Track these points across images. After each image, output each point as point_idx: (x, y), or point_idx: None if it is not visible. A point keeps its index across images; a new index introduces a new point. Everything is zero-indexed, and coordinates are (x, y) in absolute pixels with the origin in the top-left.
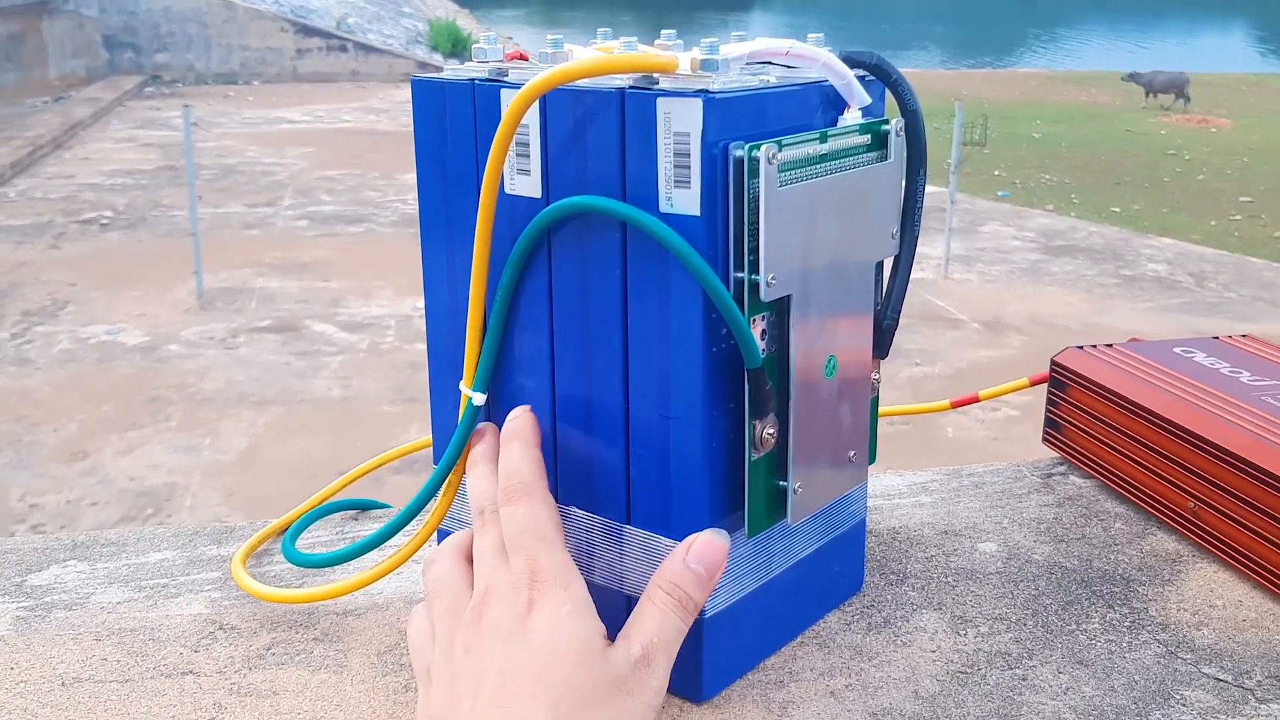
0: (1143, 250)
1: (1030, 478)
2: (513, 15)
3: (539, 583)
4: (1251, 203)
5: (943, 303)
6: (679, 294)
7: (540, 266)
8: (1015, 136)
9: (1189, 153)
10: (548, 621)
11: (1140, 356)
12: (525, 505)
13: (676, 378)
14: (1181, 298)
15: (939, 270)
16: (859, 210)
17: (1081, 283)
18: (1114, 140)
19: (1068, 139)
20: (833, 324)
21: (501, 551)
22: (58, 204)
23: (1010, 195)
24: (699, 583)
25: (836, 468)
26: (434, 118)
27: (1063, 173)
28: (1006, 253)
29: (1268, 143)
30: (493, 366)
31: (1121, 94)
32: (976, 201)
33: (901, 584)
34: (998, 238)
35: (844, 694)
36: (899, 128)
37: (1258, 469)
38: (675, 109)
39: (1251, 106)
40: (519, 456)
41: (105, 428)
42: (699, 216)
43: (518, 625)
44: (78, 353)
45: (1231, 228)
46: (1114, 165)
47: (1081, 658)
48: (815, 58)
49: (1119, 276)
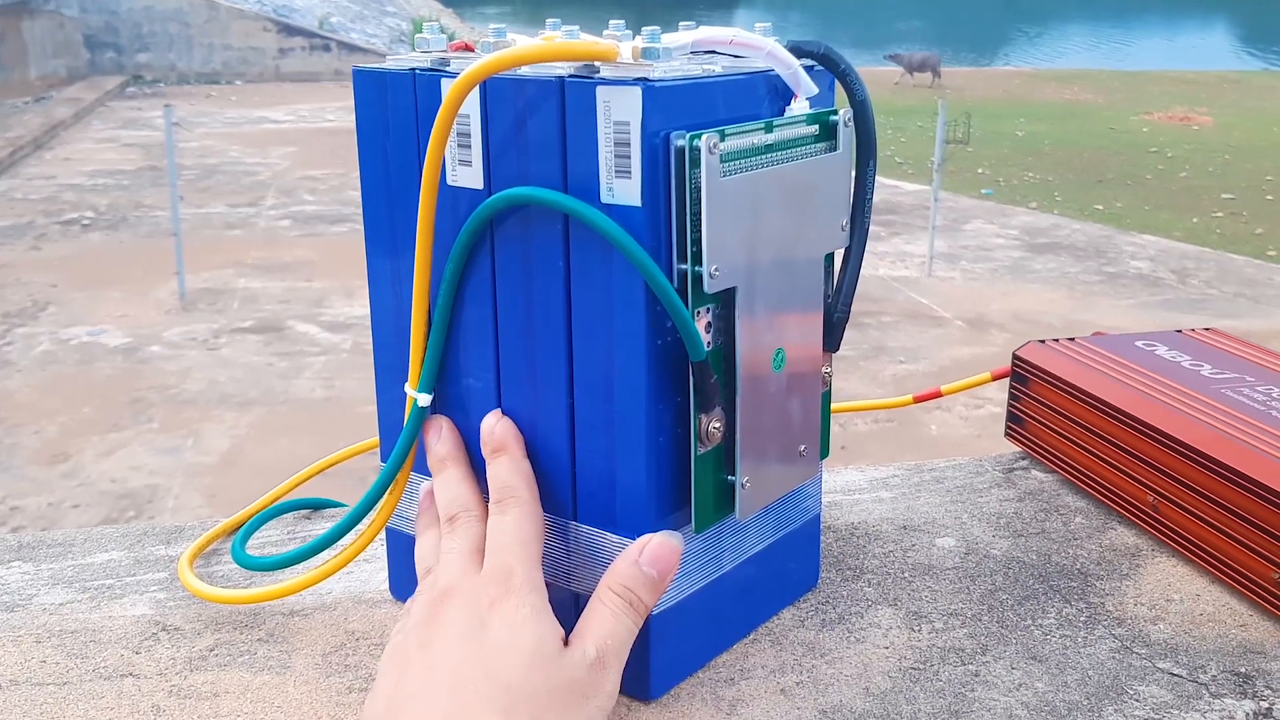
0: (1125, 247)
1: (992, 472)
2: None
3: (508, 583)
4: (1233, 200)
5: (926, 300)
6: (621, 286)
7: (483, 261)
8: (998, 135)
9: (1171, 150)
10: (505, 622)
11: (1102, 350)
12: (514, 514)
13: (620, 372)
14: (1164, 294)
15: (922, 268)
16: (807, 201)
17: (1064, 280)
18: (1097, 138)
19: (1051, 137)
20: (780, 317)
21: (474, 554)
22: (38, 205)
23: (994, 193)
24: (650, 585)
25: (786, 462)
26: (375, 109)
27: (1046, 170)
28: (990, 250)
29: (1249, 140)
30: (438, 366)
31: (1104, 92)
32: (960, 199)
33: (858, 580)
34: (981, 235)
35: (794, 691)
36: (848, 118)
37: (1217, 463)
38: (615, 98)
39: (1233, 104)
40: (509, 471)
41: (86, 429)
42: (640, 207)
43: (474, 626)
44: (59, 354)
45: (1213, 225)
46: (1097, 163)
47: (1036, 653)
48: (760, 47)
49: (1102, 274)
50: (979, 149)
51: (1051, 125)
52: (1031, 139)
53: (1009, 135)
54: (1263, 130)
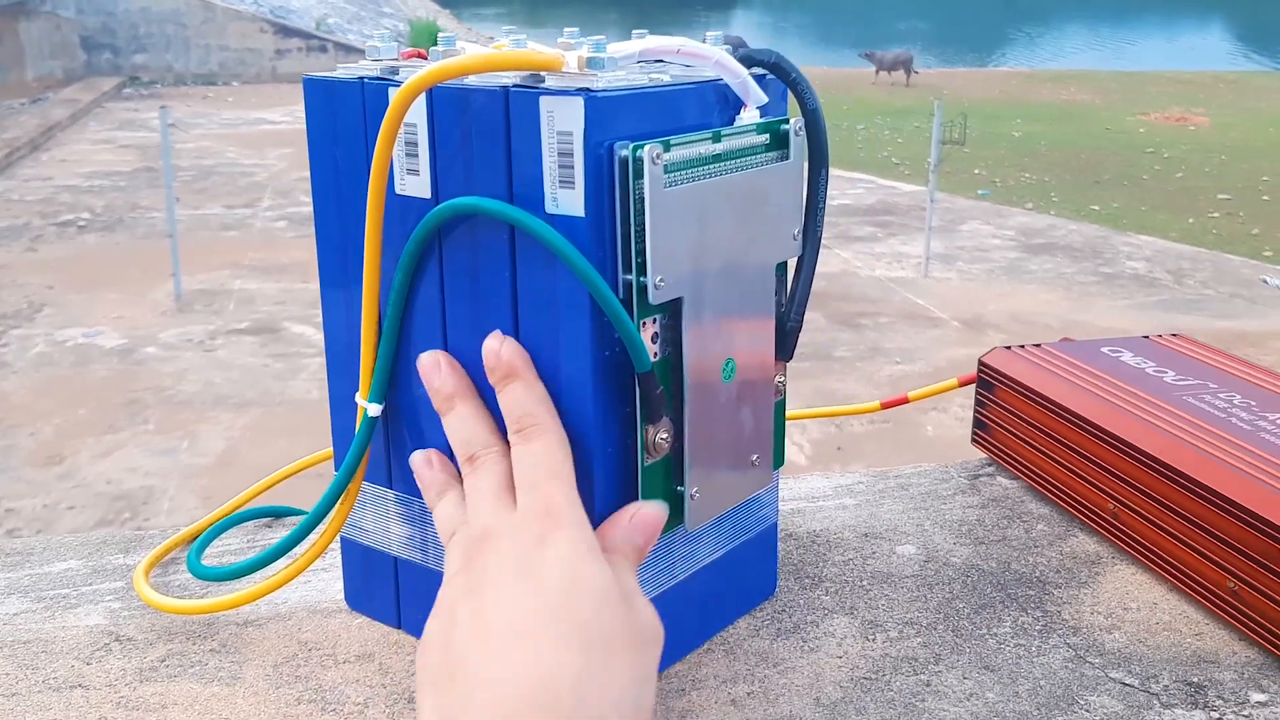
0: (1121, 248)
1: (957, 479)
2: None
3: (553, 518)
4: (1229, 200)
5: (923, 301)
6: (566, 297)
7: (432, 270)
8: (995, 135)
9: (1168, 151)
10: (561, 560)
11: (1066, 357)
12: (541, 441)
13: (566, 382)
14: (1160, 295)
15: (919, 269)
16: (757, 210)
17: (1060, 281)
18: (1093, 138)
19: (1047, 137)
20: (729, 326)
21: (503, 493)
22: (34, 206)
23: (990, 194)
24: (636, 552)
25: (738, 472)
26: (325, 118)
27: (1042, 171)
28: (986, 251)
29: (1245, 141)
30: (388, 375)
31: (1101, 93)
32: (956, 200)
33: (816, 588)
34: (977, 236)
35: (745, 702)
36: (799, 127)
37: (1174, 471)
38: (558, 108)
39: (1229, 105)
40: (526, 396)
41: (82, 431)
42: (584, 218)
43: (525, 565)
44: (54, 356)
45: (1210, 225)
46: (1093, 163)
47: (989, 662)
48: (707, 56)
49: (1098, 274)
50: (976, 150)
51: (1048, 126)
52: (1028, 139)
53: (1006, 136)
54: (1259, 131)
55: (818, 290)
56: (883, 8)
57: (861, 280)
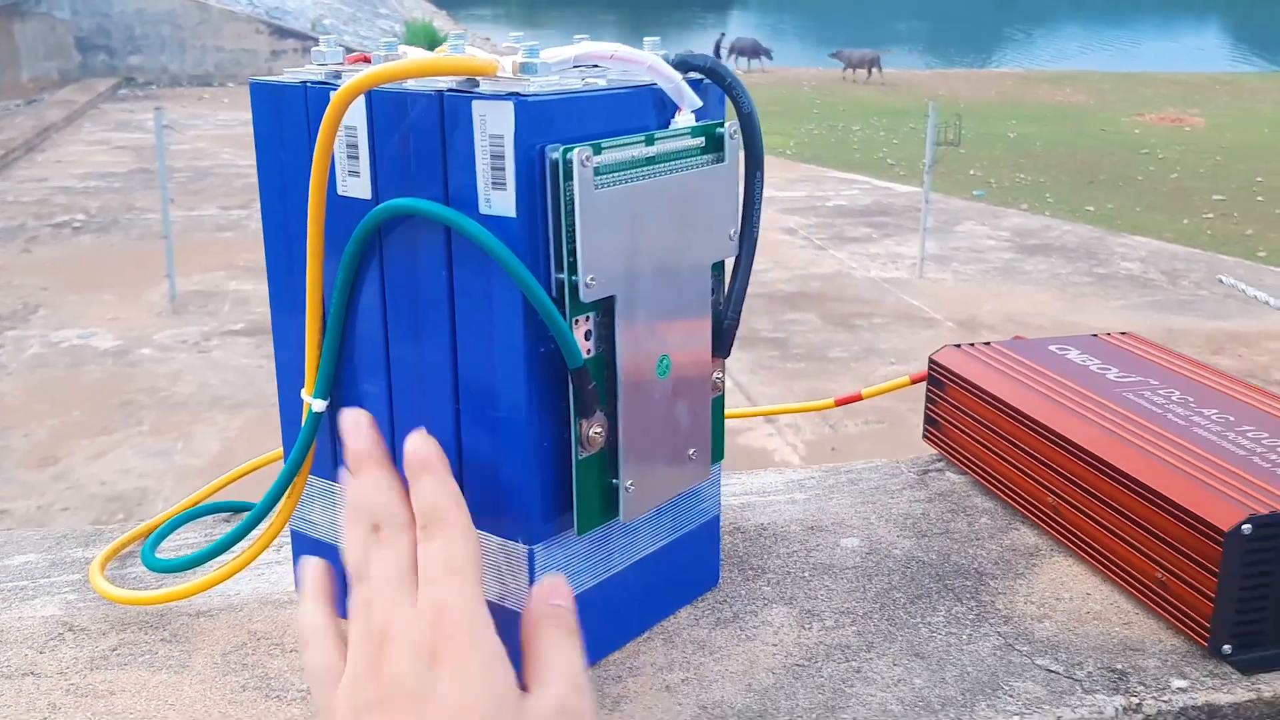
0: (1116, 249)
1: (907, 474)
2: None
3: (444, 628)
4: (1224, 201)
5: (917, 302)
6: (501, 295)
7: (374, 270)
8: (991, 136)
9: (1163, 152)
10: (457, 682)
11: (1015, 355)
12: (443, 538)
13: (502, 379)
14: (1154, 295)
15: (914, 270)
16: (692, 212)
17: (1055, 281)
18: (1089, 139)
19: (1043, 138)
20: (664, 324)
21: (404, 580)
22: (30, 207)
23: (985, 195)
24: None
25: (674, 466)
26: (271, 121)
27: (1037, 172)
28: (981, 252)
29: (1240, 142)
30: (333, 372)
31: (1096, 93)
32: (951, 201)
33: (758, 579)
34: (972, 237)
35: (678, 688)
36: (734, 130)
37: (1107, 465)
38: (489, 111)
39: (1225, 106)
40: (435, 490)
41: (76, 432)
42: (515, 218)
43: (423, 686)
44: (49, 357)
45: (1204, 226)
46: (1088, 164)
47: (920, 650)
48: (639, 61)
49: (1092, 275)
50: (971, 150)
51: (1043, 127)
52: (1023, 140)
53: (1001, 137)
54: (1254, 131)
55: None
56: (880, 8)
57: (856, 281)
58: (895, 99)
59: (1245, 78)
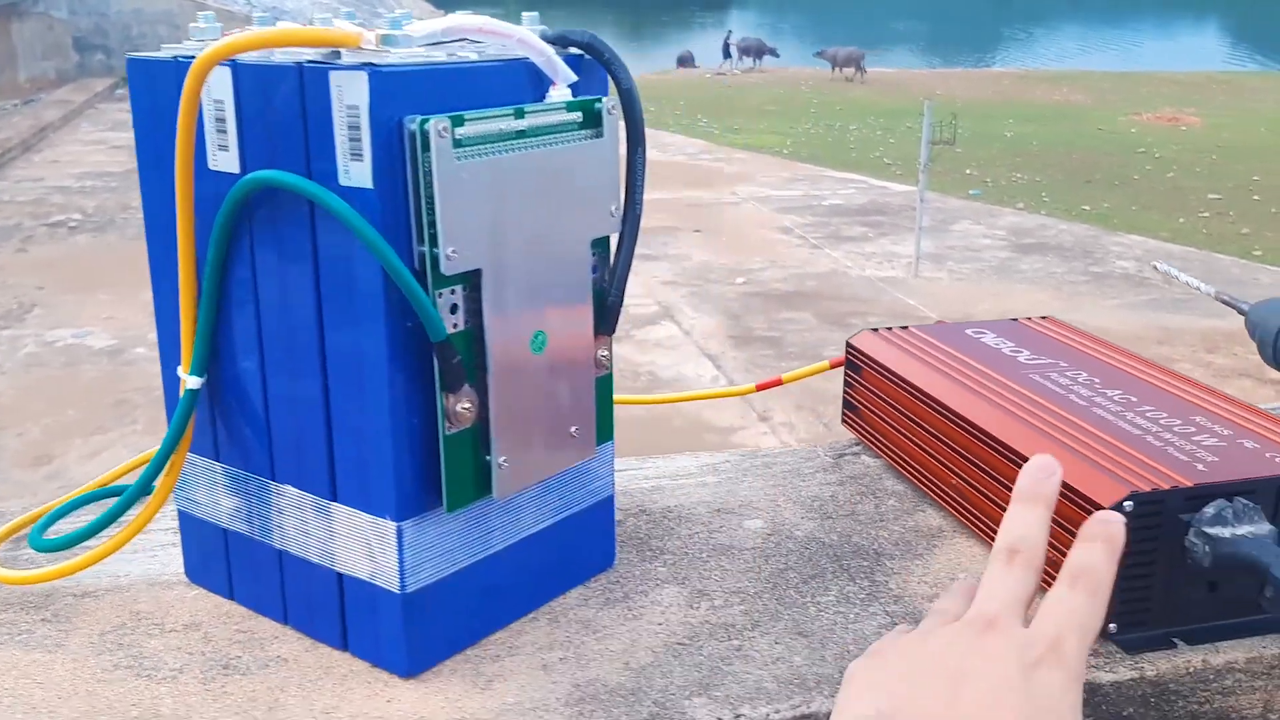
0: (1112, 248)
1: (823, 458)
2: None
3: (1055, 652)
4: (1220, 200)
5: (913, 300)
6: (362, 268)
7: (244, 245)
8: (987, 135)
9: (1159, 151)
10: (1050, 688)
11: (929, 339)
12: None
13: (366, 353)
14: (1149, 294)
15: (909, 269)
16: (568, 186)
17: (1051, 280)
18: (1085, 139)
19: (1039, 138)
20: (538, 299)
21: (1021, 604)
22: (26, 207)
23: (981, 194)
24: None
25: (553, 444)
26: (147, 97)
27: (1034, 171)
28: (977, 251)
29: (1237, 141)
30: (208, 349)
31: (1093, 93)
32: (948, 200)
33: (655, 560)
34: (968, 236)
35: (556, 667)
36: (612, 106)
37: (1002, 445)
38: (346, 82)
39: (1222, 105)
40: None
41: (70, 432)
42: (373, 189)
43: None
44: (43, 356)
45: (1200, 225)
46: (1085, 163)
47: (804, 629)
48: (509, 34)
49: (1088, 274)
50: (968, 150)
51: (1040, 126)
52: (1020, 140)
53: (998, 136)
54: (1250, 131)
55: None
56: (879, 8)
57: (852, 280)
58: (892, 98)
59: (1243, 77)
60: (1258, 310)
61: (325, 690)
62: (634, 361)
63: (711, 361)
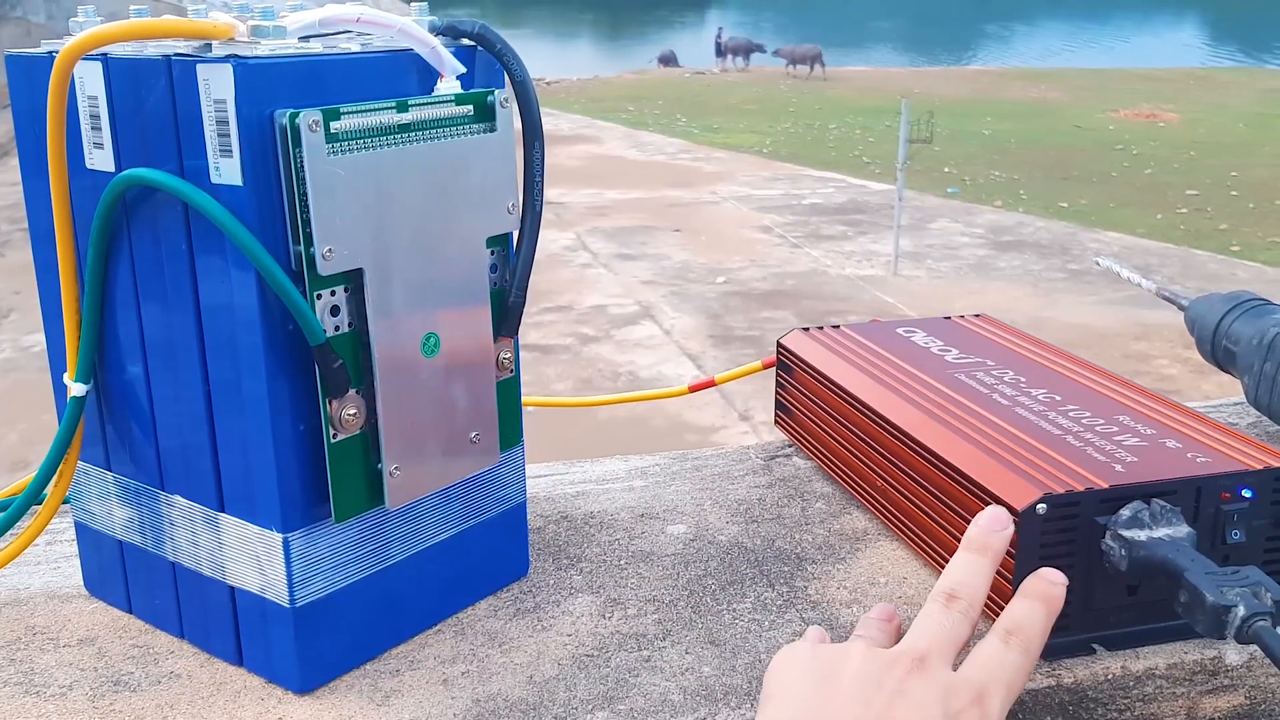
0: (1089, 244)
1: (754, 460)
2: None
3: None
4: (1197, 196)
5: (892, 299)
6: (237, 269)
7: (124, 247)
8: (965, 133)
9: (1136, 147)
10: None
11: (858, 338)
12: (1020, 660)
13: (245, 358)
14: (1127, 291)
15: (888, 267)
16: (459, 182)
17: (1028, 277)
18: (1063, 136)
19: (1017, 135)
20: (428, 300)
21: (954, 648)
22: (4, 211)
23: (959, 192)
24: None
25: (452, 450)
26: (26, 94)
27: (1012, 169)
28: (955, 249)
29: (1214, 137)
30: (93, 355)
31: (1071, 90)
32: (926, 198)
33: (571, 568)
34: (946, 234)
35: (457, 681)
36: (504, 98)
37: (922, 446)
38: (212, 76)
39: (1199, 100)
40: (1040, 620)
41: (46, 437)
42: (243, 186)
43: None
44: (19, 361)
45: (1177, 221)
46: (1062, 161)
47: (716, 638)
48: (389, 26)
49: (1065, 271)
50: (946, 148)
51: (1018, 123)
52: (998, 137)
53: (976, 134)
54: (1228, 126)
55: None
56: (859, 6)
57: (831, 279)
58: (871, 97)
59: (1220, 73)
60: (1196, 306)
61: (216, 707)
62: (614, 362)
63: (692, 361)
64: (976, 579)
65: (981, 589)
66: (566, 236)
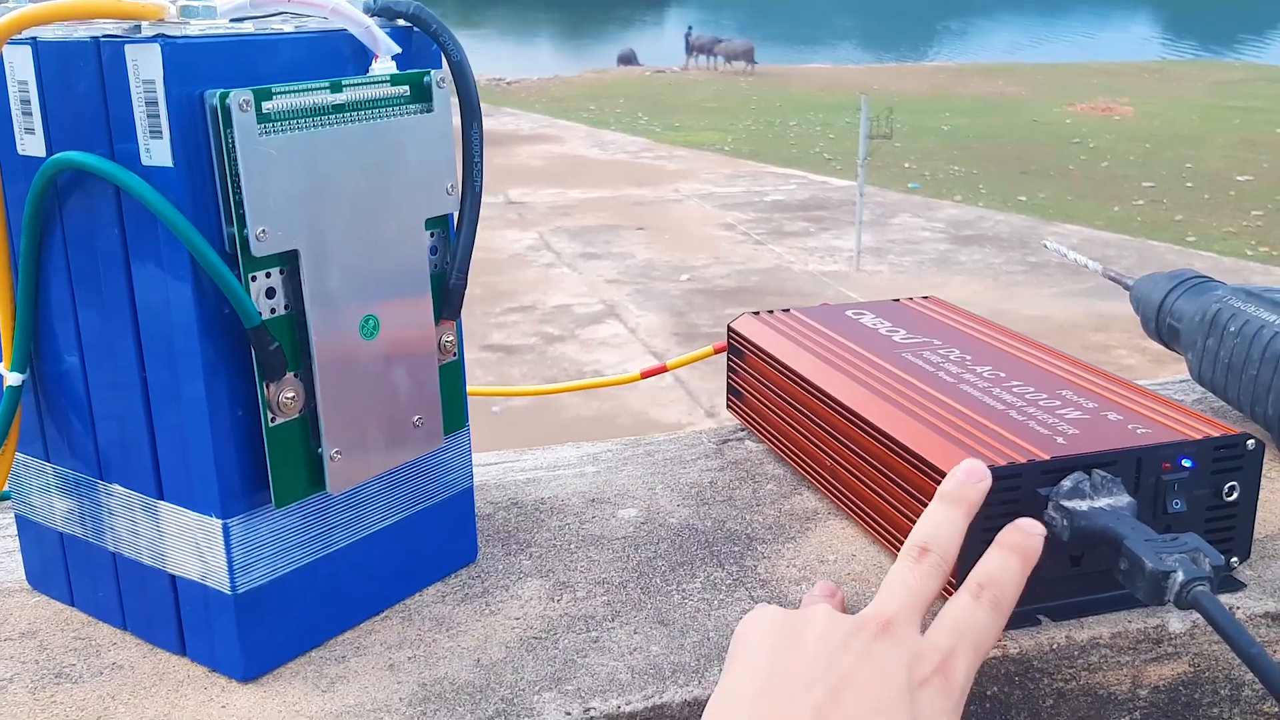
0: (1049, 237)
1: (706, 444)
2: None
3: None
4: (1154, 188)
5: (855, 294)
6: (169, 252)
7: (57, 233)
8: (924, 129)
9: (1093, 141)
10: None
11: (808, 321)
12: (990, 618)
13: (179, 342)
14: (1086, 283)
15: (851, 263)
16: (395, 163)
17: (989, 271)
18: (1021, 130)
19: (975, 130)
20: (365, 281)
21: (920, 609)
22: None
23: (920, 187)
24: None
25: (394, 434)
26: None
27: (971, 164)
28: (916, 244)
29: (1169, 129)
30: (29, 343)
31: (1028, 85)
32: (887, 194)
33: (520, 553)
34: (908, 229)
35: (403, 666)
36: (441, 79)
37: (869, 424)
38: (141, 56)
39: (1153, 93)
40: (1016, 576)
41: None
42: (174, 168)
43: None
44: None
45: (1134, 213)
46: (1020, 155)
47: (665, 618)
48: (321, 5)
49: (1025, 264)
50: (906, 143)
51: (976, 119)
52: (956, 133)
53: (935, 129)
54: (1182, 119)
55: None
56: (816, 4)
57: (795, 275)
58: (831, 94)
59: (1173, 65)
60: (1140, 285)
61: (158, 697)
62: (579, 360)
63: (657, 359)
64: (949, 531)
65: (954, 541)
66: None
